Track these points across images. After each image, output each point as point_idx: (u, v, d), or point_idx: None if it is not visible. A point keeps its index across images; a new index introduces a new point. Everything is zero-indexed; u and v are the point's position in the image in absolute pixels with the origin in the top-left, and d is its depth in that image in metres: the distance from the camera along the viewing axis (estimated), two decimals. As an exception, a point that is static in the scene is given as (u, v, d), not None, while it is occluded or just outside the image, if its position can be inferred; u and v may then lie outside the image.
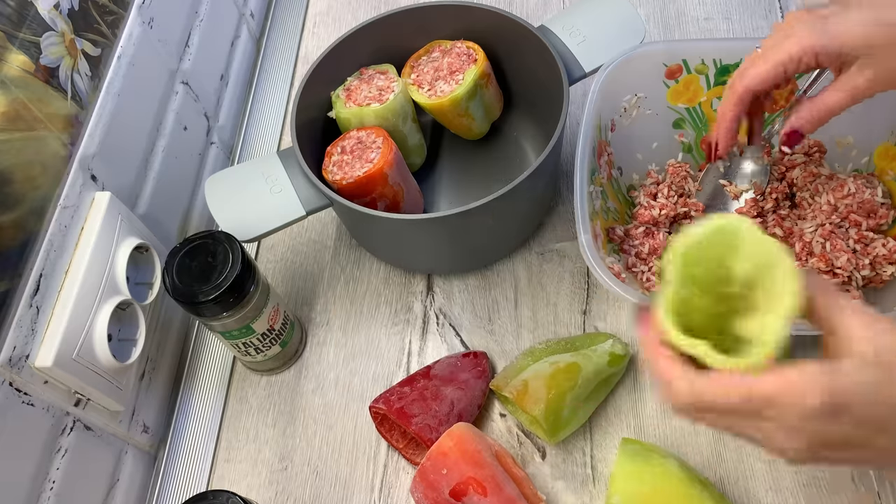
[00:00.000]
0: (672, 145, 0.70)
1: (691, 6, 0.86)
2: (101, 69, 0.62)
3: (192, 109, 0.76)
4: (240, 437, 0.66)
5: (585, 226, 0.56)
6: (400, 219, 0.61)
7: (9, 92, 0.51)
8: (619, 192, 0.68)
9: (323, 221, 0.77)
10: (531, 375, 0.59)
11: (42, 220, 0.54)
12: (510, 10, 0.69)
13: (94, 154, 0.60)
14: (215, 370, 0.70)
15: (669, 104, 0.68)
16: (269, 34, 0.93)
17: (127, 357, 0.60)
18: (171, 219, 0.72)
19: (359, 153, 0.65)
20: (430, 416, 0.59)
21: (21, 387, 0.50)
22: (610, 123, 0.66)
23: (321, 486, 0.63)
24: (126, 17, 0.65)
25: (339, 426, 0.65)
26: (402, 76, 0.70)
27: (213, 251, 0.56)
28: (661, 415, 0.62)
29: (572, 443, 0.62)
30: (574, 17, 0.69)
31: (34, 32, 0.54)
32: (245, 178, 0.64)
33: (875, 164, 0.65)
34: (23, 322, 0.51)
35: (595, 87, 0.63)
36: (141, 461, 0.65)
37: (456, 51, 0.70)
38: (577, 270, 0.70)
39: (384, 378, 0.67)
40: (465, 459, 0.55)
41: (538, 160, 0.60)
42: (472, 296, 0.70)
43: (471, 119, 0.71)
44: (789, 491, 0.58)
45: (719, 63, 0.65)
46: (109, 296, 0.58)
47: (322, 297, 0.72)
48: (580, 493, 0.59)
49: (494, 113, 0.74)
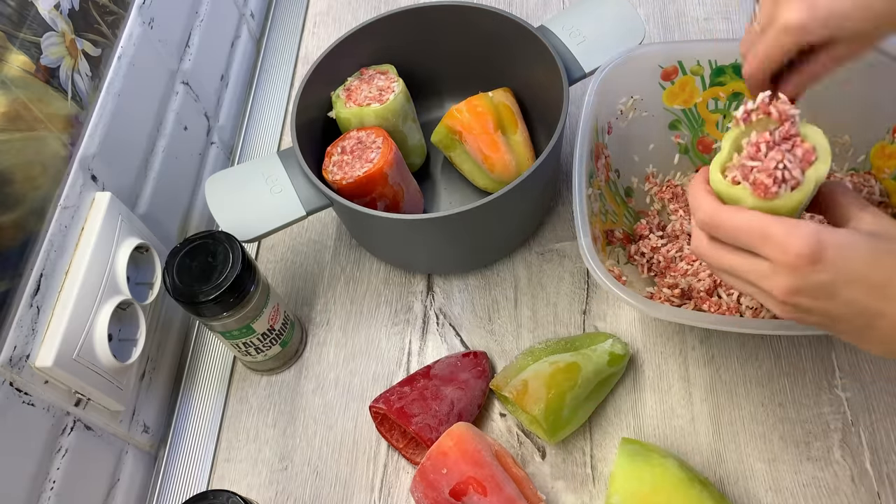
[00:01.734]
0: (669, 147, 0.70)
1: (691, 6, 0.86)
2: (102, 69, 0.62)
3: (193, 109, 0.76)
4: (240, 436, 0.66)
5: (585, 229, 0.56)
6: (400, 219, 0.61)
7: (9, 92, 0.51)
8: (616, 194, 0.68)
9: (323, 221, 0.77)
10: (531, 375, 0.59)
11: (42, 220, 0.54)
12: (510, 10, 0.69)
13: (95, 154, 0.60)
14: (215, 370, 0.70)
15: (665, 106, 0.68)
16: (269, 34, 0.93)
17: (127, 357, 0.60)
18: (171, 219, 0.72)
19: (359, 153, 0.65)
20: (430, 415, 0.59)
21: (21, 387, 0.50)
22: (606, 126, 0.66)
23: (321, 486, 0.63)
24: (126, 17, 0.65)
25: (339, 426, 0.65)
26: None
27: (213, 251, 0.56)
28: (661, 415, 0.62)
29: (572, 443, 0.62)
30: (574, 17, 0.69)
31: (34, 32, 0.54)
32: (245, 178, 0.64)
33: (871, 162, 0.65)
34: (23, 322, 0.51)
35: (591, 90, 0.63)
36: (141, 461, 0.65)
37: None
38: (576, 270, 0.70)
39: (384, 378, 0.67)
40: (465, 459, 0.55)
41: (538, 160, 0.60)
42: (472, 296, 0.70)
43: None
44: (789, 491, 0.58)
45: (714, 64, 0.65)
46: (110, 296, 0.58)
47: (322, 297, 0.72)
48: (580, 492, 0.60)
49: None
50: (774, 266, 0.41)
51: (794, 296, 0.41)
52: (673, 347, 0.65)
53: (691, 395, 0.63)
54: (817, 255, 0.40)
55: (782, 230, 0.40)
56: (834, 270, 0.40)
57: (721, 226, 0.43)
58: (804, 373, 0.62)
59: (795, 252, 0.40)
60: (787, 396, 0.61)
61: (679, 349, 0.65)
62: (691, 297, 0.63)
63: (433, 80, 0.77)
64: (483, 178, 0.71)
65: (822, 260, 0.40)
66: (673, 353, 0.65)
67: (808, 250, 0.40)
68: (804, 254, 0.40)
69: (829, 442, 0.59)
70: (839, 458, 0.58)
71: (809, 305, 0.41)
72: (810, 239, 0.40)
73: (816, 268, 0.40)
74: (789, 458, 0.59)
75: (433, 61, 0.76)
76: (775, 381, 0.62)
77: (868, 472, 0.58)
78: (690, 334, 0.65)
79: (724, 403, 0.62)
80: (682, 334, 0.65)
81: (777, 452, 0.59)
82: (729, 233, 0.43)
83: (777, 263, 0.41)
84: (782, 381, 0.62)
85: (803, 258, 0.40)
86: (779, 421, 0.61)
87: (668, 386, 0.63)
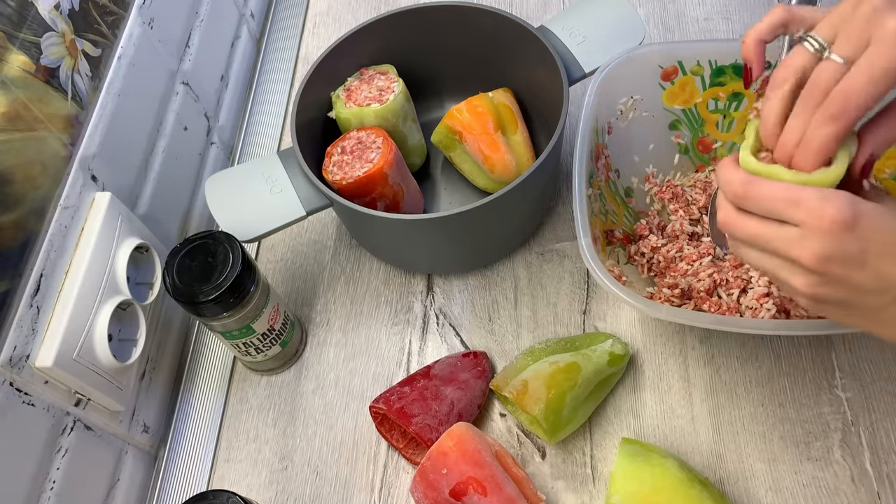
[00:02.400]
0: (669, 147, 0.70)
1: (691, 6, 0.86)
2: (102, 69, 0.62)
3: (193, 110, 0.76)
4: (240, 436, 0.66)
5: (585, 229, 0.56)
6: (400, 219, 0.61)
7: (9, 92, 0.51)
8: (616, 194, 0.68)
9: (323, 221, 0.77)
10: (531, 375, 0.59)
11: (42, 220, 0.54)
12: (510, 11, 0.69)
13: (95, 154, 0.60)
14: (215, 370, 0.70)
15: (665, 106, 0.68)
16: (269, 34, 0.93)
17: (127, 357, 0.60)
18: (171, 219, 0.72)
19: (359, 153, 0.65)
20: (430, 415, 0.59)
21: (21, 387, 0.50)
22: (606, 126, 0.66)
23: (321, 486, 0.63)
24: (126, 17, 0.65)
25: (339, 426, 0.65)
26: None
27: (213, 251, 0.57)
28: (661, 415, 0.62)
29: (572, 443, 0.62)
30: (574, 17, 0.69)
31: (35, 33, 0.54)
32: (245, 178, 0.64)
33: (873, 163, 0.65)
34: (23, 322, 0.51)
35: (591, 91, 0.63)
36: (141, 461, 0.65)
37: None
38: (576, 270, 0.70)
39: (384, 378, 0.67)
40: (465, 459, 0.55)
41: (538, 160, 0.60)
42: (472, 296, 0.70)
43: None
44: (789, 491, 0.58)
45: (714, 64, 0.65)
46: (110, 296, 0.58)
47: (322, 297, 0.72)
48: (580, 492, 0.60)
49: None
50: (805, 232, 0.40)
51: (824, 263, 0.40)
52: (673, 347, 0.65)
53: (691, 395, 0.63)
54: (852, 222, 0.39)
55: (817, 195, 0.40)
56: (867, 239, 0.39)
57: (753, 195, 0.42)
58: (804, 373, 0.62)
59: (831, 217, 0.39)
60: (787, 396, 0.61)
61: (679, 349, 0.65)
62: (691, 297, 0.63)
63: (433, 80, 0.77)
64: (483, 178, 0.71)
65: (857, 227, 0.39)
66: (673, 353, 0.65)
67: (844, 216, 0.39)
68: (839, 219, 0.39)
69: (829, 442, 0.59)
70: (839, 458, 0.58)
71: (839, 274, 0.40)
72: (845, 205, 0.39)
73: (851, 235, 0.39)
74: (789, 458, 0.59)
75: (433, 61, 0.76)
76: (775, 381, 0.62)
77: (868, 472, 0.58)
78: (690, 334, 0.65)
79: (724, 403, 0.62)
80: (682, 334, 0.66)
81: (777, 452, 0.59)
82: (761, 202, 0.42)
83: (809, 228, 0.40)
84: (782, 381, 0.62)
85: (838, 223, 0.39)
86: (779, 421, 0.61)
87: (668, 386, 0.63)
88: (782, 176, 0.43)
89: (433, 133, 0.71)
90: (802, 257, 0.40)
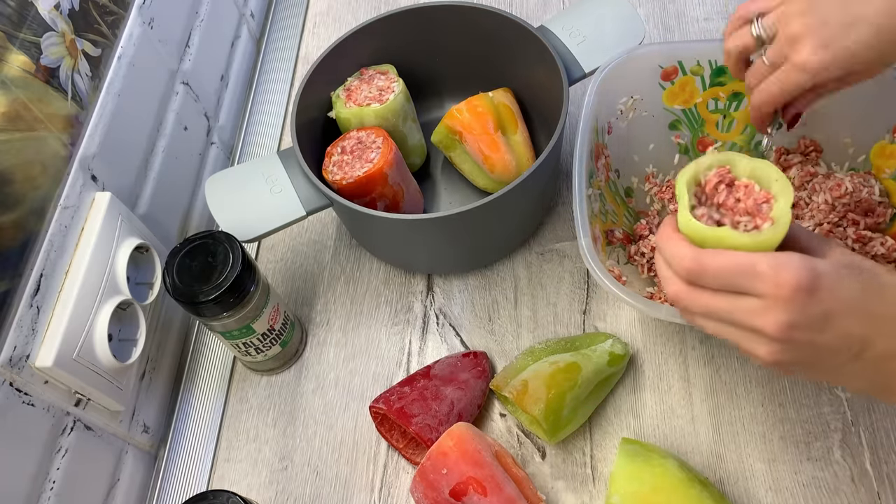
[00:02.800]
0: (669, 147, 0.70)
1: (691, 6, 0.86)
2: (102, 69, 0.62)
3: (193, 109, 0.76)
4: (240, 436, 0.66)
5: (585, 229, 0.56)
6: (400, 219, 0.61)
7: (9, 92, 0.51)
8: (616, 194, 0.68)
9: (323, 221, 0.77)
10: (531, 375, 0.59)
11: (42, 220, 0.54)
12: (510, 11, 0.69)
13: (95, 154, 0.60)
14: (215, 370, 0.70)
15: (665, 106, 0.68)
16: (269, 34, 0.93)
17: (127, 357, 0.60)
18: (171, 219, 0.72)
19: (359, 153, 0.65)
20: (430, 416, 0.59)
21: (21, 387, 0.50)
22: (606, 126, 0.66)
23: (321, 486, 0.63)
24: (126, 17, 0.65)
25: (339, 426, 0.65)
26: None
27: (213, 251, 0.57)
28: (661, 415, 0.62)
29: (572, 443, 0.62)
30: (574, 17, 0.69)
31: (34, 33, 0.54)
32: (245, 178, 0.64)
33: (871, 162, 0.65)
34: (23, 322, 0.51)
35: (591, 90, 0.63)
36: (141, 461, 0.65)
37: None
38: (576, 270, 0.70)
39: (384, 378, 0.67)
40: (465, 459, 0.55)
41: (538, 160, 0.60)
42: (472, 296, 0.70)
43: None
44: (789, 491, 0.58)
45: (714, 64, 0.65)
46: (110, 296, 0.58)
47: (322, 297, 0.72)
48: (580, 492, 0.60)
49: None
50: (767, 302, 0.39)
51: (789, 331, 0.39)
52: (673, 347, 0.65)
53: (691, 395, 0.63)
54: (813, 287, 0.38)
55: (772, 263, 0.39)
56: (831, 300, 0.39)
57: (706, 269, 0.41)
58: (804, 373, 0.62)
59: (790, 285, 0.38)
60: (787, 396, 0.61)
61: (679, 349, 0.65)
62: (691, 297, 0.63)
63: (433, 80, 0.78)
64: (483, 178, 0.71)
65: (818, 291, 0.38)
66: (673, 353, 0.65)
67: (803, 282, 0.38)
68: (799, 286, 0.38)
69: (829, 442, 0.59)
70: (839, 458, 0.58)
71: (803, 339, 0.39)
72: (803, 270, 0.38)
73: (813, 300, 0.38)
74: (789, 458, 0.59)
75: (433, 61, 0.76)
76: (775, 381, 0.62)
77: (868, 472, 0.58)
78: (690, 334, 0.65)
79: (724, 403, 0.62)
80: (682, 334, 0.66)
81: (777, 452, 0.59)
82: (715, 275, 0.41)
83: (771, 298, 0.39)
84: (782, 381, 0.62)
85: (799, 290, 0.38)
86: (779, 421, 0.61)
87: (668, 386, 0.63)
88: (731, 239, 0.42)
89: (433, 133, 0.71)
90: (766, 328, 0.39)
